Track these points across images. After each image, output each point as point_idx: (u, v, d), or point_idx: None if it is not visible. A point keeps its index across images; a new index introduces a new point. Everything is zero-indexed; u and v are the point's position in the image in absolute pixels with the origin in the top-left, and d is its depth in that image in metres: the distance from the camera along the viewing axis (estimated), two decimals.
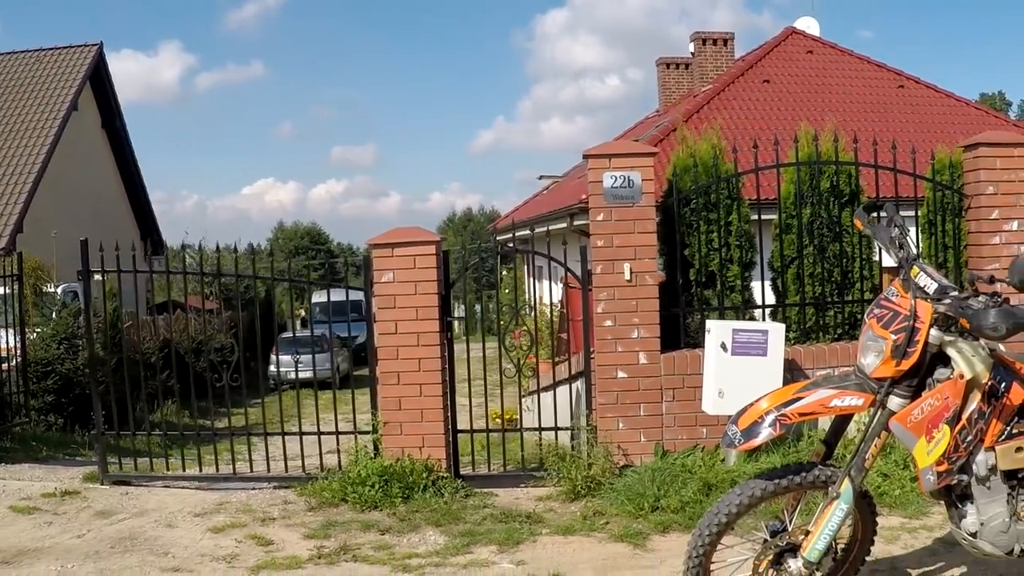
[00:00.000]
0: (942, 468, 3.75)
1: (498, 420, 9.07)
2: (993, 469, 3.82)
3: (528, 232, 8.16)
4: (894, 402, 3.82)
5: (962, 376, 3.71)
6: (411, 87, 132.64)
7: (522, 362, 8.18)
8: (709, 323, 7.12)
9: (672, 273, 7.68)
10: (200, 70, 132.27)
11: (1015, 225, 7.65)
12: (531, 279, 10.23)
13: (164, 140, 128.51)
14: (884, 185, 7.86)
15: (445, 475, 7.15)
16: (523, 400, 10.33)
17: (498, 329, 8.96)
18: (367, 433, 7.44)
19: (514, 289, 14.23)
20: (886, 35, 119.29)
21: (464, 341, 8.06)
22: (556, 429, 7.72)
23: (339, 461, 7.47)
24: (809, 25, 26.46)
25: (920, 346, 3.73)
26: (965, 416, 3.74)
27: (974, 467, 3.82)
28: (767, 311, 7.99)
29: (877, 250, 8.08)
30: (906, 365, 3.74)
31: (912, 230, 4.53)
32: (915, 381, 3.82)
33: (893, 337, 3.75)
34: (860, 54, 25.11)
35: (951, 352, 3.77)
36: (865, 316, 4.02)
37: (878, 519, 4.40)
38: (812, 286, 7.91)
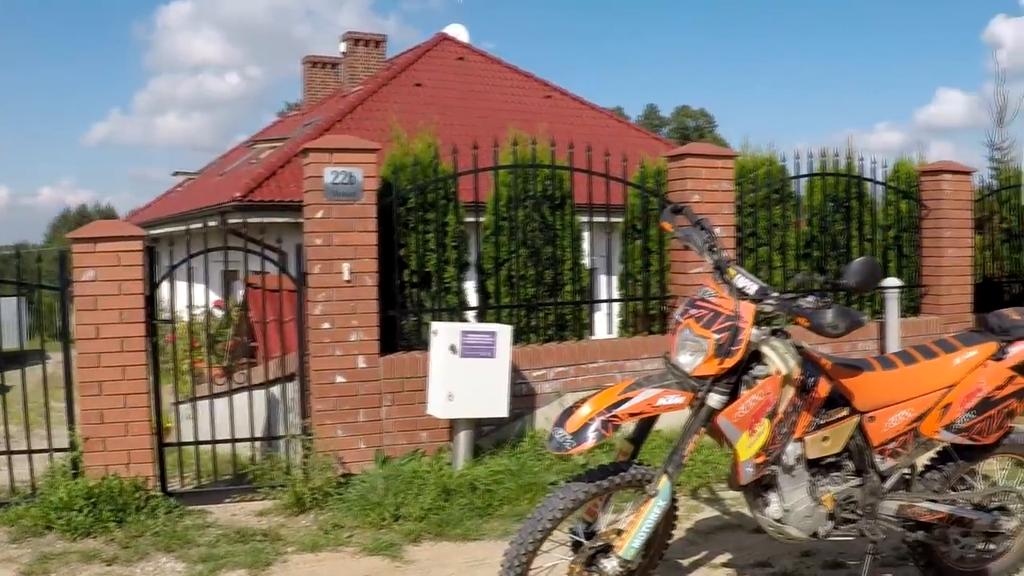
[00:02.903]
0: (760, 460, 3.95)
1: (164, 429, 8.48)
2: (799, 459, 4.06)
3: (165, 231, 7.80)
4: (714, 399, 3.91)
5: (779, 372, 3.88)
6: (17, 73, 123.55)
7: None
8: (436, 325, 6.97)
9: (388, 274, 7.45)
10: None
11: (718, 231, 8.04)
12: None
13: None
14: (595, 191, 8.06)
15: (156, 493, 6.54)
16: (181, 406, 9.81)
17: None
18: (63, 451, 6.63)
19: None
20: (507, 48, 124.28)
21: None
22: (271, 438, 7.32)
23: (32, 483, 6.63)
24: (459, 32, 27.04)
25: (744, 345, 3.85)
26: (781, 410, 3.94)
27: (784, 457, 4.03)
28: (481, 312, 7.95)
29: (586, 254, 8.30)
30: (730, 363, 3.86)
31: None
32: (733, 379, 3.93)
33: (716, 336, 3.85)
34: (509, 63, 25.96)
35: (766, 350, 3.94)
36: (678, 316, 4.11)
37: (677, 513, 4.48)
38: (524, 288, 7.97)
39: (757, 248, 9.05)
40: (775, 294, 3.98)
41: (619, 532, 3.99)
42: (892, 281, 9.21)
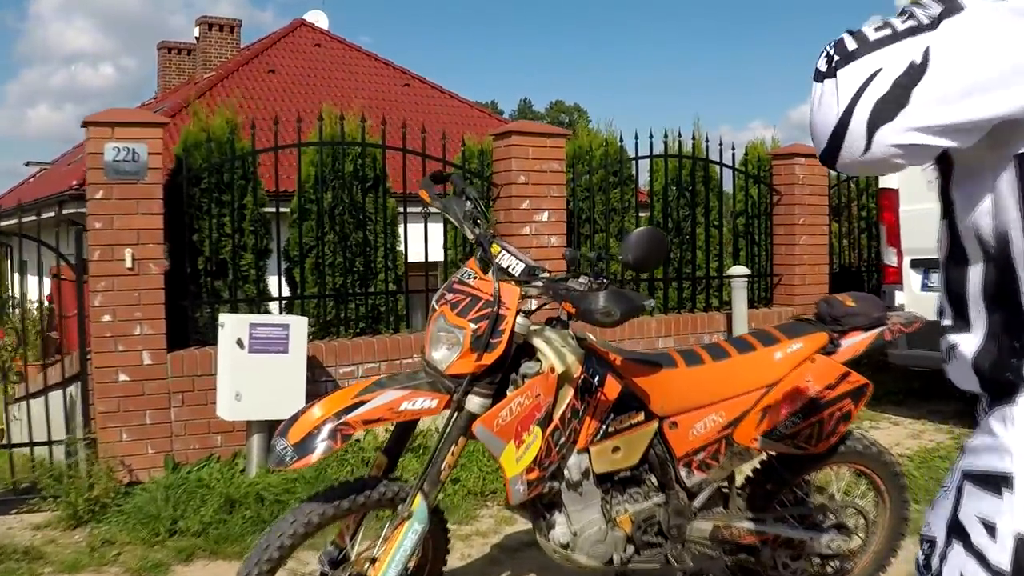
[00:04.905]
0: (533, 476, 3.27)
1: None
2: (586, 473, 3.42)
3: (15, 221, 7.00)
4: (473, 403, 3.26)
5: (553, 370, 3.26)
6: None
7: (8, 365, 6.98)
8: (223, 317, 6.29)
9: (179, 261, 6.79)
10: None
11: (545, 216, 7.57)
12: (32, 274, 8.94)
13: None
14: (412, 170, 7.50)
15: None
16: (10, 408, 9.03)
17: None
18: None
19: None
20: (384, 42, 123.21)
21: None
22: (50, 444, 6.61)
23: None
24: (318, 19, 26.28)
25: (506, 336, 3.20)
26: (557, 415, 3.29)
27: (566, 472, 3.39)
28: (286, 303, 7.30)
29: (402, 240, 7.72)
30: (489, 359, 3.20)
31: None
32: (497, 377, 3.29)
33: (473, 326, 3.20)
34: (367, 51, 25.31)
35: (538, 343, 3.32)
36: (434, 302, 3.42)
37: (448, 534, 3.85)
38: (333, 277, 7.37)
39: (593, 235, 8.58)
40: (544, 275, 3.34)
41: (373, 560, 3.29)
42: (739, 269, 8.82)
